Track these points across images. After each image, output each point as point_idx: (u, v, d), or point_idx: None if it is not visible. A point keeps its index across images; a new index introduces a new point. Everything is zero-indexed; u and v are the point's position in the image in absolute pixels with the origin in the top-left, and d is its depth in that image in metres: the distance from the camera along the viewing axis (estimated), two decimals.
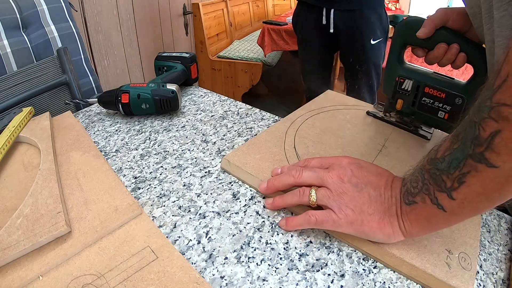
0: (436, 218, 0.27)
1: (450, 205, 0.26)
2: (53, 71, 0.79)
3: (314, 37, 1.34)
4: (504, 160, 0.22)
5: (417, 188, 0.28)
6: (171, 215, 0.35)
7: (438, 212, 0.26)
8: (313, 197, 0.32)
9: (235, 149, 0.44)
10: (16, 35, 0.79)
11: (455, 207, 0.25)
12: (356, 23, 1.21)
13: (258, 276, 0.29)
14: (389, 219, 0.29)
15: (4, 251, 0.28)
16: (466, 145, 0.24)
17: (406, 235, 0.29)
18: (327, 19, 1.25)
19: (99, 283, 0.26)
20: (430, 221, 0.28)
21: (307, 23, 1.34)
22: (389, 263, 0.30)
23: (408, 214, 0.29)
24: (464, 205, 0.25)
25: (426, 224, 0.28)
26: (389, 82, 0.47)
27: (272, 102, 2.54)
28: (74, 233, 0.31)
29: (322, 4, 1.24)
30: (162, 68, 0.64)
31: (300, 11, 1.35)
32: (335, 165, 0.33)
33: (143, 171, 0.42)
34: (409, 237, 0.30)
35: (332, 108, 0.55)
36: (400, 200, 0.29)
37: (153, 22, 1.90)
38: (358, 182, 0.31)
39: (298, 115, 0.52)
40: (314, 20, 1.29)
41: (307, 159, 0.37)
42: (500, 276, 0.30)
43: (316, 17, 1.28)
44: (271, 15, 3.32)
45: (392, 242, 0.30)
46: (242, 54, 2.28)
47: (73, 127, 0.49)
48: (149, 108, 0.53)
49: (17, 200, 0.35)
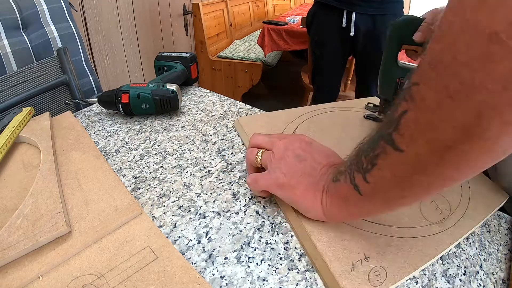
0: (352, 199, 0.27)
1: (364, 188, 0.25)
2: (53, 71, 0.79)
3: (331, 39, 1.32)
4: (407, 143, 0.20)
5: (345, 167, 0.28)
6: (171, 215, 0.35)
7: (354, 193, 0.26)
8: (258, 157, 0.35)
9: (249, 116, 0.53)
10: (16, 35, 0.79)
11: (368, 191, 0.25)
12: (377, 28, 1.20)
13: (258, 276, 0.29)
14: (314, 192, 0.30)
15: (4, 251, 0.28)
16: (383, 126, 0.23)
17: (325, 212, 0.30)
18: (347, 22, 1.23)
19: (99, 283, 0.26)
20: (347, 201, 0.28)
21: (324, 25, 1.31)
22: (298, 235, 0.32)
23: (331, 190, 0.29)
24: (376, 191, 0.25)
25: (342, 204, 0.28)
26: (387, 83, 0.47)
27: (272, 102, 2.54)
28: (74, 233, 0.31)
29: (343, 6, 1.21)
30: (162, 68, 0.64)
31: (317, 11, 1.32)
32: (289, 136, 0.36)
33: (143, 171, 0.42)
34: (329, 217, 0.30)
35: None
36: (330, 178, 0.30)
37: (153, 22, 1.90)
38: (300, 153, 0.33)
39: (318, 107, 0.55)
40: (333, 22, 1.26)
41: None
42: (500, 276, 0.30)
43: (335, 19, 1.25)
44: (271, 15, 3.32)
45: (311, 215, 0.31)
46: (242, 54, 2.28)
47: (73, 127, 0.49)
48: (149, 108, 0.53)
49: (17, 200, 0.35)
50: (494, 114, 0.16)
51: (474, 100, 0.16)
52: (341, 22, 1.23)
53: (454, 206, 0.35)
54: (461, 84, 0.17)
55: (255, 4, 3.07)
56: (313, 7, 1.37)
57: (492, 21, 0.15)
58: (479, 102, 0.16)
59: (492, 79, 0.16)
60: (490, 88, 0.16)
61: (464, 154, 0.18)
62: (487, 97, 0.16)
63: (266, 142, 0.36)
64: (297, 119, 0.51)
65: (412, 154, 0.20)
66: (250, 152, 0.36)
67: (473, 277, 0.30)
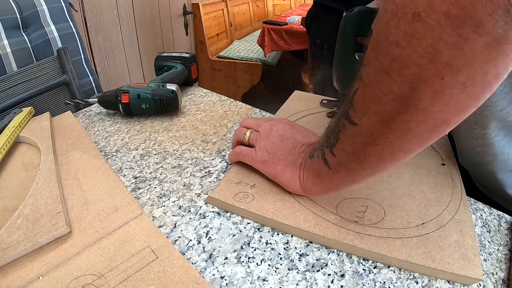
0: (323, 173, 0.30)
1: (332, 161, 0.28)
2: (53, 71, 0.79)
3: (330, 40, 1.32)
4: (360, 116, 0.23)
5: (318, 145, 0.31)
6: (171, 215, 0.35)
7: (324, 167, 0.29)
8: (246, 135, 0.39)
9: None
10: (16, 35, 0.79)
11: (335, 164, 0.28)
12: None
13: (258, 276, 0.29)
14: (292, 168, 0.34)
15: (4, 251, 0.28)
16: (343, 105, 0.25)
17: (303, 186, 0.33)
18: None
19: (99, 283, 0.26)
20: (319, 175, 0.31)
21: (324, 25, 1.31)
22: None
23: (307, 166, 0.32)
24: (341, 164, 0.27)
25: (316, 178, 0.31)
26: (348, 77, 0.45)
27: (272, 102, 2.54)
28: (74, 233, 0.31)
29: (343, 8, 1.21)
30: (162, 68, 0.64)
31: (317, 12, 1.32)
32: (274, 120, 0.40)
33: (143, 171, 0.42)
34: (306, 190, 0.33)
35: None
36: (307, 155, 0.33)
37: (153, 22, 1.90)
38: (283, 134, 0.36)
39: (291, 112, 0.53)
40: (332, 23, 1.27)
41: None
42: (500, 276, 0.30)
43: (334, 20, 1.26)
44: (271, 15, 3.32)
45: (291, 189, 0.35)
46: (242, 54, 2.28)
47: (73, 127, 0.49)
48: (149, 108, 0.53)
49: (17, 200, 0.35)
50: (425, 85, 0.18)
51: (405, 74, 0.19)
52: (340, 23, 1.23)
53: None
54: (393, 61, 0.19)
55: (255, 4, 3.07)
56: (312, 7, 1.37)
57: (415, 3, 0.17)
58: (410, 75, 0.19)
59: (418, 54, 0.18)
60: (418, 62, 0.18)
61: (406, 123, 0.21)
62: (416, 70, 0.18)
63: (254, 124, 0.40)
64: None
65: (364, 126, 0.23)
66: (240, 131, 0.40)
67: None
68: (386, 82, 0.20)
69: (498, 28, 0.15)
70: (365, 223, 0.32)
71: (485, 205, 0.38)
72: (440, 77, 0.18)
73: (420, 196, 0.36)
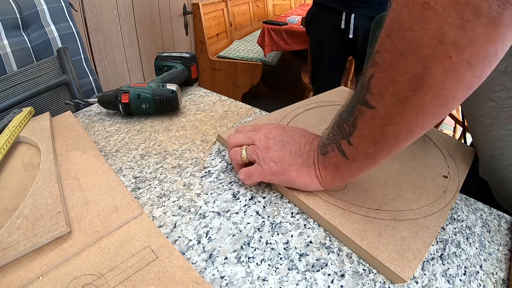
0: (341, 165, 0.31)
1: (349, 151, 0.29)
2: (53, 71, 0.79)
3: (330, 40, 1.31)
4: (377, 99, 0.25)
5: (329, 139, 0.31)
6: (171, 215, 0.35)
7: (342, 159, 0.30)
8: (243, 154, 0.37)
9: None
10: (16, 35, 0.79)
11: (353, 153, 0.29)
12: None
13: (258, 276, 0.29)
14: (307, 169, 0.33)
15: (4, 251, 0.28)
16: (357, 93, 0.27)
17: (322, 183, 0.33)
18: (346, 24, 1.22)
19: (99, 283, 0.26)
20: (338, 168, 0.31)
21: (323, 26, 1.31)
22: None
23: (323, 163, 0.33)
24: (359, 150, 0.28)
25: (335, 172, 0.32)
26: None
27: (272, 102, 2.54)
28: (74, 233, 0.31)
29: (342, 8, 1.21)
30: (162, 68, 0.64)
31: (316, 12, 1.32)
32: (264, 127, 0.38)
33: (143, 171, 0.42)
34: (326, 186, 0.34)
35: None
36: (317, 152, 0.33)
37: (153, 22, 1.90)
38: (282, 139, 0.36)
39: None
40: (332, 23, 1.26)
41: (242, 126, 0.42)
42: (500, 276, 0.30)
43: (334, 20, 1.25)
44: (271, 15, 3.32)
45: (311, 189, 0.35)
46: (242, 54, 2.28)
47: (73, 127, 0.49)
48: (149, 108, 0.53)
49: (17, 200, 0.35)
50: (435, 64, 0.21)
51: (419, 54, 0.21)
52: (339, 23, 1.23)
53: None
54: (408, 44, 0.21)
55: (255, 4, 3.07)
56: (312, 7, 1.36)
57: None
58: (423, 56, 0.21)
59: (429, 36, 0.20)
60: (429, 43, 0.20)
61: (420, 100, 0.23)
62: (428, 51, 0.21)
63: (245, 139, 0.38)
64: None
65: (382, 108, 0.25)
66: (234, 152, 0.38)
67: (473, 277, 0.30)
68: (403, 64, 0.22)
69: (493, 11, 0.18)
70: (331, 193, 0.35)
71: (485, 205, 0.38)
72: (448, 56, 0.20)
73: (394, 190, 0.36)
